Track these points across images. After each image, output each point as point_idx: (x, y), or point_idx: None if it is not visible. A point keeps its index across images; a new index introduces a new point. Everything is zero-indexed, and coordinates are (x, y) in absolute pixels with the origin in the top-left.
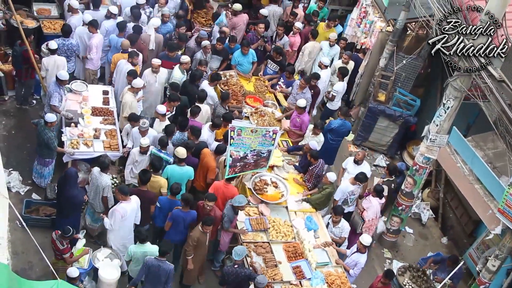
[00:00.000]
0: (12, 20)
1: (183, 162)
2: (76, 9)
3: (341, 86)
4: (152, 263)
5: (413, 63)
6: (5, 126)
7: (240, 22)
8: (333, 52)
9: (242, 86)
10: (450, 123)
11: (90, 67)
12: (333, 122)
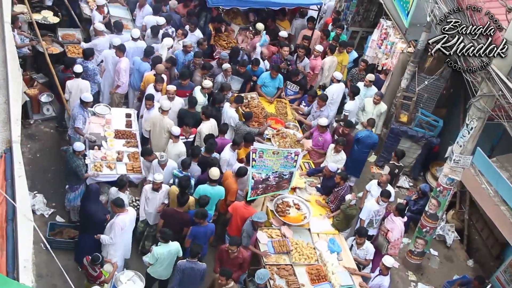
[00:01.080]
0: (38, 46)
1: (216, 182)
2: (101, 31)
3: (352, 105)
4: (185, 266)
5: (435, 83)
6: (31, 150)
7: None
8: (370, 93)
9: (264, 108)
10: (474, 143)
11: (118, 91)
12: (360, 133)
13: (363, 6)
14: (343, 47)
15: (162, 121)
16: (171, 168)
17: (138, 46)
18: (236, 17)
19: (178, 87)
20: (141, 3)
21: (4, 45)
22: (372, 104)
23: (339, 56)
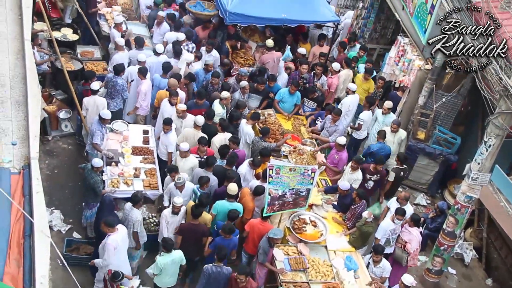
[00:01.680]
0: (57, 63)
1: (234, 198)
2: (122, 46)
3: (367, 115)
4: (212, 270)
5: (453, 101)
6: (49, 166)
7: (270, 59)
8: (388, 120)
9: (281, 125)
10: (492, 161)
11: (140, 113)
12: (373, 146)
13: (380, 23)
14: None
15: (196, 136)
16: (190, 190)
17: (160, 61)
18: (253, 34)
19: (194, 106)
20: (159, 21)
21: (24, 62)
22: (391, 133)
23: (365, 83)
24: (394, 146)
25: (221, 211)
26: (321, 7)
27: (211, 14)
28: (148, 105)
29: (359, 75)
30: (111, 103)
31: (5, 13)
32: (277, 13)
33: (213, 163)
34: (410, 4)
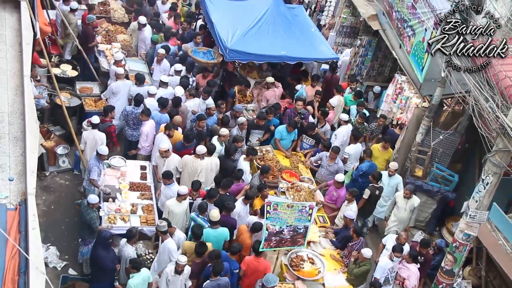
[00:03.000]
0: (54, 98)
1: (217, 224)
2: (121, 74)
3: (352, 148)
4: (211, 285)
5: (450, 138)
6: (45, 202)
7: (272, 96)
8: (394, 182)
9: (278, 161)
10: (490, 199)
11: (142, 153)
12: (362, 166)
13: (377, 61)
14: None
15: (194, 163)
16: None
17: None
18: (251, 71)
19: (182, 147)
20: (159, 58)
21: (23, 98)
22: (403, 199)
23: (385, 153)
24: (406, 213)
25: (207, 239)
26: (320, 45)
27: (212, 62)
28: (150, 146)
29: (377, 145)
30: (134, 133)
31: (6, 49)
32: (276, 50)
33: (214, 196)
34: (407, 43)
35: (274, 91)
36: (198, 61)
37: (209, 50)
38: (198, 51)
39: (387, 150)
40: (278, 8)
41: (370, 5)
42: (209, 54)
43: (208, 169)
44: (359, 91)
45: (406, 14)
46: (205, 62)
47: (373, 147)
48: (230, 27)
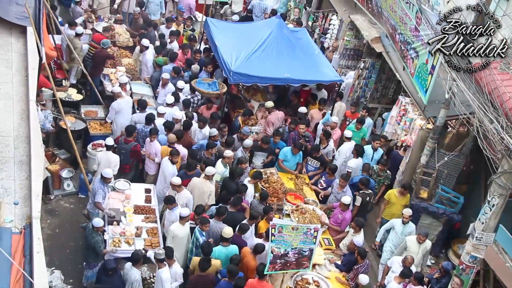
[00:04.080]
0: (59, 121)
1: (228, 241)
2: (120, 92)
3: (354, 163)
4: None
5: (455, 160)
6: (50, 225)
7: (275, 119)
8: (408, 230)
9: (283, 184)
10: (496, 220)
11: (148, 172)
12: (356, 178)
13: (381, 83)
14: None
15: (203, 185)
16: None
17: (173, 112)
18: (255, 93)
19: (185, 176)
20: (164, 82)
21: (29, 122)
22: (416, 243)
23: (402, 199)
24: (419, 257)
25: (218, 256)
26: (323, 67)
27: (216, 93)
28: (157, 166)
29: (394, 191)
30: None
31: (12, 74)
32: (280, 73)
33: (224, 213)
34: (411, 65)
35: (277, 114)
36: (202, 92)
37: (214, 82)
38: (203, 82)
39: (404, 196)
40: (282, 31)
41: (373, 28)
42: (214, 85)
43: None
44: (361, 118)
45: (409, 37)
46: (207, 92)
47: (389, 193)
48: (234, 50)
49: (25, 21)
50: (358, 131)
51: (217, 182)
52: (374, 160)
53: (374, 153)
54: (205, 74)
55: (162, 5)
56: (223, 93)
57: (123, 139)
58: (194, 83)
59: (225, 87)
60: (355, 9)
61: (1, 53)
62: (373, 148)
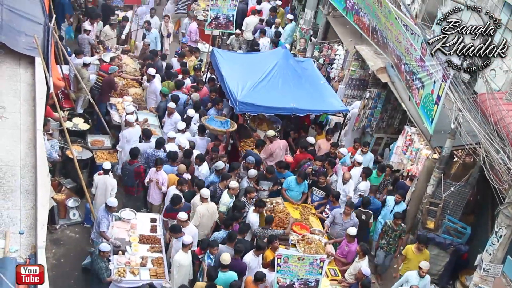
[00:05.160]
0: (65, 150)
1: (226, 268)
2: (132, 122)
3: (364, 185)
4: None
5: (462, 190)
6: (55, 255)
7: (276, 148)
8: (423, 283)
9: (289, 213)
10: (504, 252)
11: (152, 202)
12: (359, 202)
13: (387, 113)
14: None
15: (208, 208)
16: None
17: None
18: (261, 123)
19: (171, 211)
20: (170, 111)
21: (35, 151)
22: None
23: (420, 255)
24: None
25: (217, 282)
26: (329, 97)
27: (227, 131)
28: (162, 196)
29: (411, 247)
30: None
31: (19, 104)
32: (286, 103)
33: (235, 239)
34: (416, 95)
35: (279, 143)
36: (212, 130)
37: (227, 120)
38: (216, 120)
39: (422, 252)
40: (287, 61)
41: (379, 58)
42: (226, 124)
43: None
44: (382, 166)
45: (415, 67)
46: (219, 130)
47: (407, 249)
48: (240, 80)
49: (33, 52)
50: (379, 177)
51: (222, 213)
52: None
53: (396, 206)
54: (215, 111)
55: (157, 42)
56: (229, 131)
57: (127, 161)
58: (205, 121)
59: (235, 125)
60: (360, 40)
61: (10, 83)
62: (396, 201)
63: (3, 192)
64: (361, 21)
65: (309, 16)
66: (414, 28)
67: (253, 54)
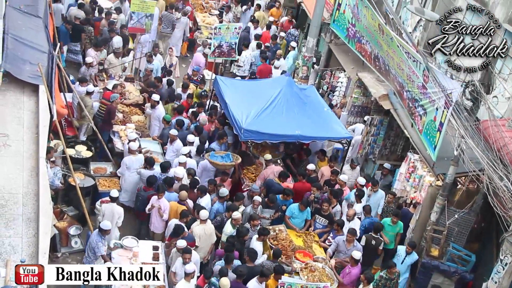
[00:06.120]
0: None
1: None
2: (134, 150)
3: (359, 207)
4: None
5: (466, 217)
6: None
7: (270, 173)
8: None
9: (292, 241)
10: (510, 280)
11: (154, 230)
12: (364, 222)
13: (390, 140)
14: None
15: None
16: None
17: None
18: (264, 150)
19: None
20: (172, 138)
21: (38, 179)
22: None
23: None
24: None
25: None
26: (333, 124)
27: (230, 164)
28: (164, 224)
29: None
30: None
31: (23, 131)
32: (291, 130)
33: (243, 275)
34: (419, 122)
35: (272, 168)
36: (215, 165)
37: (228, 154)
38: (216, 155)
39: None
40: (291, 88)
41: (381, 85)
42: (227, 157)
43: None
44: (397, 211)
45: (417, 94)
46: (222, 164)
47: None
48: (244, 108)
49: (37, 80)
50: (394, 225)
51: (224, 242)
52: (404, 264)
53: (407, 257)
54: (217, 146)
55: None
56: (238, 164)
57: (142, 187)
58: (208, 156)
59: (239, 158)
60: (362, 67)
61: (14, 111)
62: (406, 251)
63: (5, 220)
64: (363, 48)
65: (311, 44)
66: (416, 56)
67: (256, 81)
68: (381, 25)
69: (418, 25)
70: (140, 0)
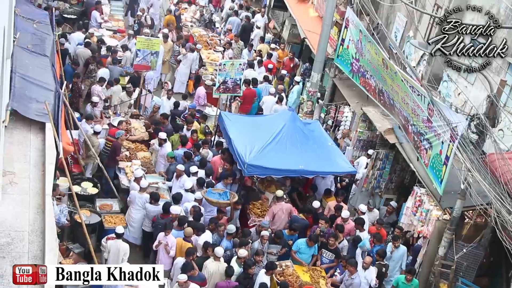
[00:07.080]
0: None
1: None
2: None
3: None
4: None
5: (474, 251)
6: None
7: (279, 211)
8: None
9: (299, 277)
10: None
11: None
12: (376, 248)
13: (396, 173)
14: None
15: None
16: None
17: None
18: (269, 185)
19: None
20: (179, 173)
21: (44, 216)
22: None
23: None
24: None
25: None
26: (337, 158)
27: (225, 202)
28: (170, 260)
29: None
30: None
31: (29, 169)
32: (294, 165)
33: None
34: (425, 155)
35: (282, 205)
36: (210, 202)
37: (225, 191)
38: (214, 192)
39: None
40: (295, 123)
41: (386, 119)
42: (225, 195)
43: None
44: (410, 268)
45: (422, 128)
46: (216, 202)
47: None
48: (248, 142)
49: (44, 118)
50: (409, 284)
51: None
52: None
53: None
54: (222, 186)
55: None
56: (234, 203)
57: (159, 215)
58: (204, 193)
59: (236, 196)
60: (367, 102)
61: (20, 149)
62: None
63: (11, 258)
64: (368, 83)
65: (316, 79)
66: (420, 90)
67: (260, 116)
68: (385, 60)
69: (421, 59)
70: (145, 38)
